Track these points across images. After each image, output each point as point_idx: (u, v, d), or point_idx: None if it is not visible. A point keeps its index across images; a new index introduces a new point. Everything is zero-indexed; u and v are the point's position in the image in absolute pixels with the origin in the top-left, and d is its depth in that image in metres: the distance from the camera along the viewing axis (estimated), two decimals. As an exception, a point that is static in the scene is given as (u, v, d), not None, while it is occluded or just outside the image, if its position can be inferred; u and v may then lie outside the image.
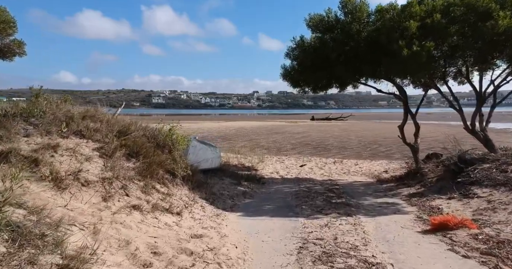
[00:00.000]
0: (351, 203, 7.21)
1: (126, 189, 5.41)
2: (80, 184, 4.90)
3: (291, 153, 17.99)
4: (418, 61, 7.24)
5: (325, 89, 10.97)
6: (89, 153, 5.62)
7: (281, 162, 14.02)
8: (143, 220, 4.87)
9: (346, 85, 10.94)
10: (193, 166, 7.79)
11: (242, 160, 13.14)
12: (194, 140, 9.04)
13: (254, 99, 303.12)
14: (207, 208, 6.47)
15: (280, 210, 6.93)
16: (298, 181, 10.44)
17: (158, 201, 5.67)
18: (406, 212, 6.61)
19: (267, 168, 12.34)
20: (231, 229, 5.61)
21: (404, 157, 16.67)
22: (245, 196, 8.12)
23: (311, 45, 9.85)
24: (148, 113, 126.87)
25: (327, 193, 8.34)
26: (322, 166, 13.43)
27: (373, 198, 7.90)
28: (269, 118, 72.58)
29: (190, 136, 9.29)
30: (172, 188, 6.52)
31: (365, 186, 9.58)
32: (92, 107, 7.20)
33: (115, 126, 6.70)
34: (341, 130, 34.45)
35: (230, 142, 22.67)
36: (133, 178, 5.80)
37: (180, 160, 6.90)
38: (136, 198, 5.38)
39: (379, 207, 7.03)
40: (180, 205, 6.02)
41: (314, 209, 6.84)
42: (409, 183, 8.87)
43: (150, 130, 7.19)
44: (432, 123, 46.99)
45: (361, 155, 17.44)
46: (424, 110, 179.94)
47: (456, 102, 9.14)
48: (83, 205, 4.54)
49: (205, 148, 9.38)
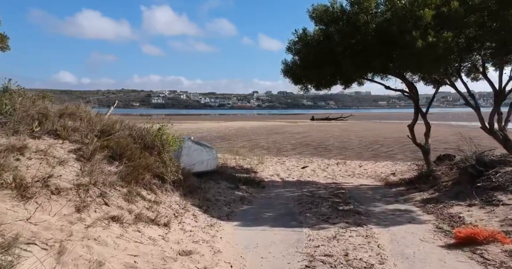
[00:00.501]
0: (360, 211, 6.50)
1: (105, 197, 4.70)
2: (50, 192, 4.19)
3: (291, 154, 17.38)
4: (434, 53, 6.54)
5: (329, 86, 10.27)
6: (63, 155, 4.92)
7: (282, 164, 13.31)
8: (123, 235, 4.16)
9: (352, 82, 10.23)
10: (186, 169, 7.09)
11: (241, 161, 12.44)
12: (188, 140, 8.34)
13: (254, 99, 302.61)
14: (200, 217, 5.77)
15: (281, 218, 6.23)
16: (301, 184, 9.74)
17: (143, 211, 4.97)
18: (422, 221, 5.90)
19: (267, 170, 11.64)
20: (226, 243, 4.91)
21: (407, 158, 16.06)
22: (243, 202, 7.41)
23: (315, 38, 9.15)
24: (148, 113, 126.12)
25: (332, 198, 7.64)
26: (324, 167, 12.73)
27: (383, 204, 7.20)
28: (269, 118, 71.92)
29: (184, 137, 8.58)
30: (161, 195, 5.81)
31: (372, 190, 8.88)
32: (73, 104, 6.51)
33: (98, 125, 6.00)
34: (341, 130, 33.85)
35: (229, 142, 22.04)
36: (114, 184, 5.10)
37: (170, 163, 6.20)
38: (117, 208, 4.68)
39: (391, 215, 6.32)
40: (169, 214, 5.32)
41: (319, 217, 6.14)
42: (421, 187, 8.17)
43: (138, 130, 6.48)
44: (433, 123, 46.35)
45: (362, 155, 16.84)
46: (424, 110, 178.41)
47: (473, 100, 8.43)
48: (50, 218, 3.83)
49: (200, 149, 8.67)
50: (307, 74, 9.49)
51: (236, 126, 38.66)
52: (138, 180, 5.49)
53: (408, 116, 47.77)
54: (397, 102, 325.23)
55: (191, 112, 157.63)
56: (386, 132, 31.03)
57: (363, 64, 8.63)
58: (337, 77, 9.68)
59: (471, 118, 66.45)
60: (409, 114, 50.82)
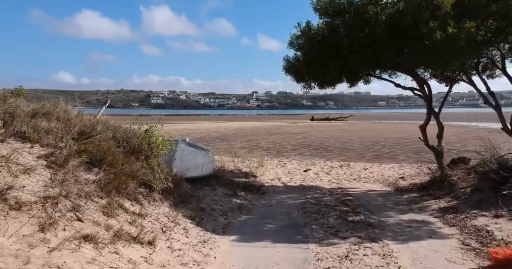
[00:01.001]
0: (373, 222, 5.79)
1: (79, 210, 3.99)
2: (8, 207, 3.48)
3: (291, 155, 16.78)
4: (455, 46, 5.84)
5: (333, 84, 9.56)
6: (30, 162, 4.21)
7: (283, 166, 12.61)
8: (96, 259, 3.45)
9: (358, 80, 9.52)
10: (178, 175, 6.38)
11: (240, 164, 11.74)
12: (182, 143, 7.62)
13: (253, 99, 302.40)
14: (192, 231, 5.06)
15: (284, 231, 5.53)
16: (304, 189, 9.04)
17: (125, 226, 4.26)
18: (445, 235, 5.20)
19: (268, 174, 10.93)
20: (221, 264, 4.21)
21: (410, 159, 15.38)
22: (242, 211, 6.70)
23: (319, 32, 8.44)
24: (147, 113, 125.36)
25: (339, 206, 6.94)
26: (328, 170, 12.03)
27: (397, 214, 6.50)
28: (269, 118, 71.32)
29: (177, 138, 7.87)
30: (147, 206, 5.11)
31: (382, 196, 8.18)
32: (50, 103, 5.80)
33: (76, 126, 5.29)
34: (341, 130, 33.27)
35: (228, 143, 21.41)
36: (92, 194, 4.39)
37: (159, 169, 5.49)
38: (93, 224, 3.97)
39: (408, 228, 5.62)
40: (156, 229, 4.61)
41: (327, 230, 5.43)
42: (436, 194, 7.47)
43: (123, 132, 5.77)
44: (432, 124, 45.67)
45: (364, 156, 16.23)
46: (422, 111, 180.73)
47: (493, 98, 7.74)
48: (4, 240, 3.12)
49: (194, 152, 7.96)
50: (311, 70, 8.79)
51: (235, 127, 38.02)
52: (121, 190, 4.78)
53: (408, 116, 47.95)
54: (396, 102, 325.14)
55: (191, 112, 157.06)
56: (386, 132, 30.49)
57: (372, 59, 7.94)
58: (342, 74, 8.97)
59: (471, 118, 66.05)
60: (409, 114, 51.02)
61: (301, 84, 9.71)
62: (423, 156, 16.03)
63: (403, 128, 35.73)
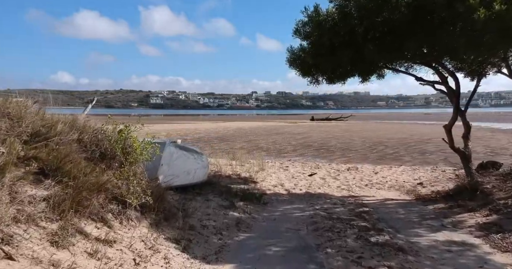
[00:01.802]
0: (402, 245, 4.66)
1: (11, 243, 2.86)
2: None
3: (292, 155, 15.79)
4: (504, 26, 4.73)
5: (344, 78, 8.45)
6: (-51, 174, 3.09)
7: (285, 170, 11.47)
8: None
9: (372, 73, 8.41)
10: (161, 185, 5.25)
11: (238, 168, 10.59)
12: (170, 145, 6.49)
13: (253, 99, 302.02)
14: (175, 260, 3.93)
15: (293, 257, 4.41)
16: (311, 198, 7.92)
17: (80, 260, 3.14)
18: (499, 266, 4.08)
19: (269, 179, 9.79)
20: (211, 314, 3.08)
21: (415, 160, 14.33)
22: (240, 227, 5.58)
23: (329, 18, 7.33)
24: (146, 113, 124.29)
25: (356, 220, 5.83)
26: (335, 175, 10.91)
27: (428, 232, 5.38)
28: (268, 118, 70.39)
29: (163, 140, 6.74)
30: (118, 228, 3.98)
31: (403, 207, 7.05)
32: (1, 97, 4.67)
33: (30, 125, 4.15)
34: (342, 130, 32.33)
35: (227, 143, 20.40)
36: (37, 217, 3.27)
37: (135, 179, 4.36)
38: (30, 261, 2.84)
39: (448, 253, 4.49)
40: (125, 261, 3.48)
41: (347, 256, 4.32)
42: (468, 205, 6.36)
43: (92, 133, 4.64)
44: (435, 124, 44.87)
45: (368, 157, 15.27)
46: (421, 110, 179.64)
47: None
48: None
49: (185, 156, 6.83)
50: (319, 62, 7.67)
51: (234, 127, 36.99)
52: (82, 208, 3.66)
53: (409, 116, 47.42)
54: (396, 102, 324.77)
55: (190, 112, 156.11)
56: (388, 132, 29.59)
57: (390, 48, 6.82)
58: (355, 67, 7.86)
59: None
60: (409, 114, 50.38)
61: (307, 78, 8.59)
62: (428, 157, 15.23)
63: (405, 129, 34.75)
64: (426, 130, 31.25)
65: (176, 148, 6.66)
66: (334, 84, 8.70)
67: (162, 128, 33.00)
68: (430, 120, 54.64)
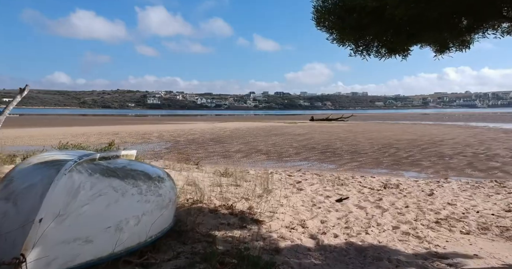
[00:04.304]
0: None
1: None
2: None
3: (295, 159, 14.66)
4: None
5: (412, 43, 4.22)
6: None
7: (299, 191, 7.74)
8: None
9: (463, 34, 4.29)
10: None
11: (232, 191, 6.66)
12: (77, 169, 2.70)
13: (251, 100, 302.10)
14: None
15: None
16: (363, 260, 3.91)
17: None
18: None
19: (281, 213, 5.54)
20: None
21: (437, 166, 12.94)
22: None
23: None
24: (144, 113, 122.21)
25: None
26: (374, 198, 7.32)
27: None
28: (266, 118, 69.44)
29: (60, 159, 3.08)
30: None
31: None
32: None
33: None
34: (345, 131, 31.30)
35: (223, 146, 19.25)
36: None
37: None
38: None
39: None
40: None
41: None
42: None
43: None
44: (440, 124, 44.20)
45: (381, 162, 14.09)
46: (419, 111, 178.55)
47: None
48: None
49: (114, 190, 2.89)
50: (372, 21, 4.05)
51: (231, 127, 35.86)
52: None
53: (409, 117, 46.35)
54: (393, 102, 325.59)
55: (187, 112, 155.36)
56: (394, 133, 28.66)
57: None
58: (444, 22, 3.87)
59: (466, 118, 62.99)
60: (409, 115, 49.55)
61: (350, 45, 5.05)
62: (450, 162, 13.95)
63: (410, 129, 33.86)
64: (434, 131, 30.29)
65: (91, 175, 2.82)
66: (395, 56, 4.64)
67: (155, 129, 31.82)
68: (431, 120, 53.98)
